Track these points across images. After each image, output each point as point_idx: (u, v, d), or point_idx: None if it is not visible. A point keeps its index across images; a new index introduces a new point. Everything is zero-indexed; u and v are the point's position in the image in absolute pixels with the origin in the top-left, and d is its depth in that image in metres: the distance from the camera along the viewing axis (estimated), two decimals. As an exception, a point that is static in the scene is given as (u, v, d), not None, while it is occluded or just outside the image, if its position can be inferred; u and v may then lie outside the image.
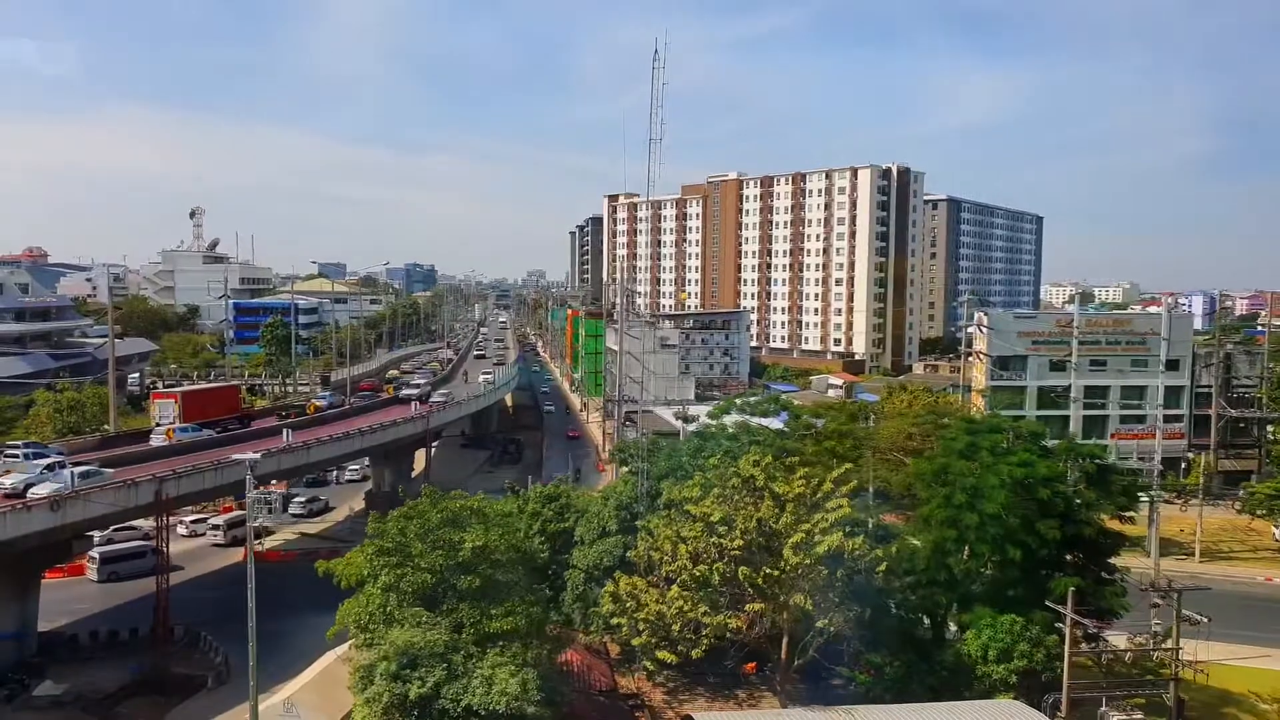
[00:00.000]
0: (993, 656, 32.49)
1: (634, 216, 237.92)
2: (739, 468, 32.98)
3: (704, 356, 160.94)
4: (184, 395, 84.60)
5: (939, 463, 35.80)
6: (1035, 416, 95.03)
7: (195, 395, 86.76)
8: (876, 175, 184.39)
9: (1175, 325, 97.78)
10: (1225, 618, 57.67)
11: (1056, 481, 33.93)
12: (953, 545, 33.62)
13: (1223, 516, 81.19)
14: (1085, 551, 34.52)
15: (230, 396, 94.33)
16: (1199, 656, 50.48)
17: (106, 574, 59.22)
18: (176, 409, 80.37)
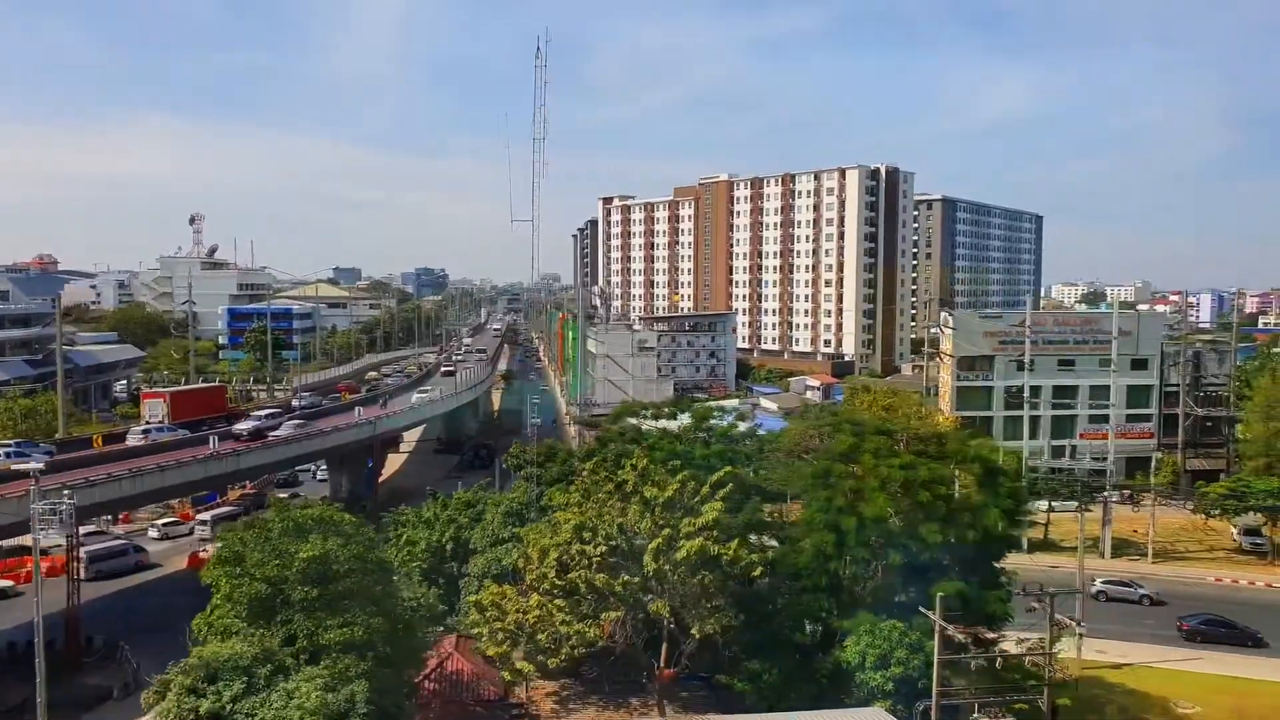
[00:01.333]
0: (870, 663, 32.13)
1: (628, 219, 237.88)
2: (619, 473, 32.81)
3: (690, 359, 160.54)
4: (172, 395, 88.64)
5: (822, 465, 35.48)
6: (1003, 417, 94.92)
7: (183, 395, 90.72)
8: (864, 176, 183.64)
9: (1143, 324, 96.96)
10: (1165, 618, 57.29)
11: (939, 484, 33.52)
12: (833, 549, 33.29)
13: (1186, 517, 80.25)
14: (969, 555, 34.07)
15: (217, 397, 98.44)
16: (1128, 658, 50.26)
17: (93, 572, 60.20)
18: (165, 408, 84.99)
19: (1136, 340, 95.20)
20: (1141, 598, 60.29)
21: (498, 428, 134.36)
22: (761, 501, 37.14)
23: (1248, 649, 52.21)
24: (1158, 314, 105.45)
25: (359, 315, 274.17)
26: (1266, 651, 51.66)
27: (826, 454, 35.89)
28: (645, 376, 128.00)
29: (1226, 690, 46.40)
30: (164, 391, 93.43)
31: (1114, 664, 49.42)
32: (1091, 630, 48.48)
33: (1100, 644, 52.28)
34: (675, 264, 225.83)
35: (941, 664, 32.02)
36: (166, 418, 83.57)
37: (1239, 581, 65.75)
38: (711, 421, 40.07)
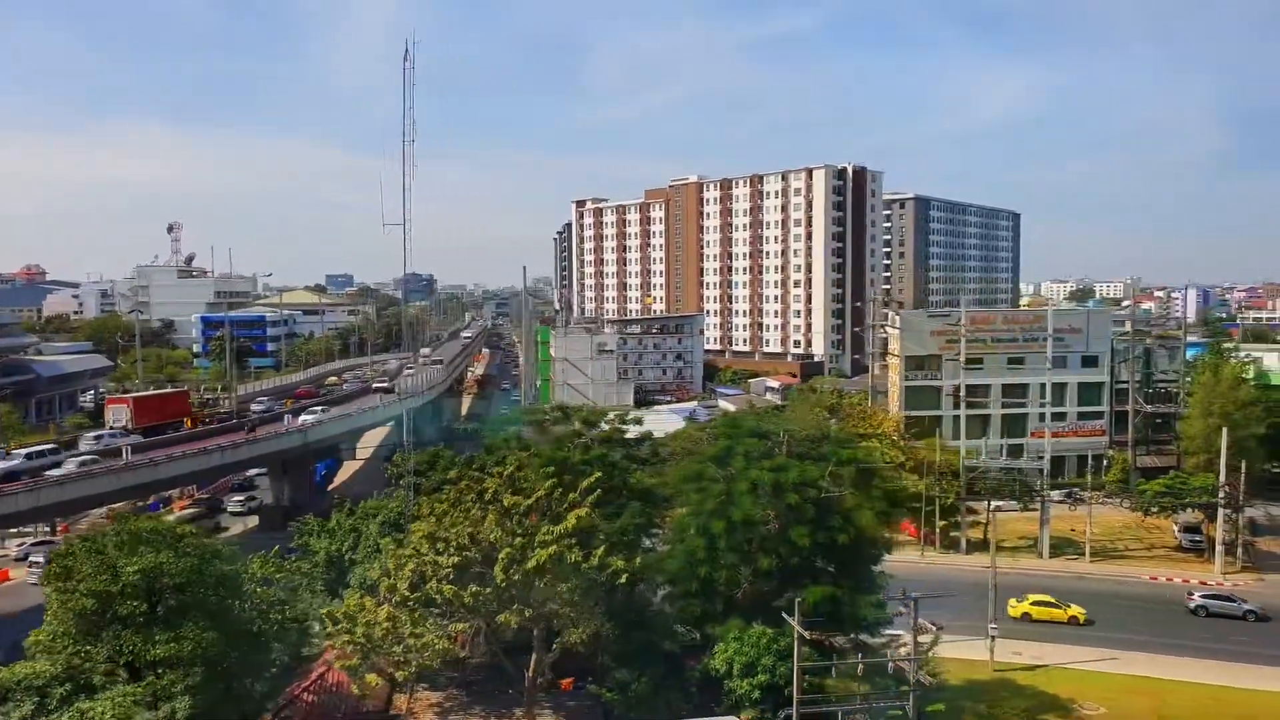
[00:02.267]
0: (737, 671, 31.51)
1: (600, 221, 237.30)
2: (483, 481, 32.14)
3: (656, 361, 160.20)
4: (135, 401, 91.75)
5: (695, 468, 34.86)
6: (952, 416, 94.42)
7: (146, 400, 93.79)
8: (831, 175, 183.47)
9: (1092, 321, 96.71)
10: (1097, 617, 56.81)
11: (809, 486, 32.90)
12: (704, 554, 32.66)
13: (1132, 516, 79.72)
14: (842, 558, 33.47)
15: (180, 402, 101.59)
16: (1043, 660, 49.71)
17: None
18: (129, 413, 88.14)
19: (1086, 337, 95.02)
20: (1246, 613, 56.78)
21: (460, 434, 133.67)
22: (646, 506, 36.48)
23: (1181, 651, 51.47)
24: (1106, 310, 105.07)
25: (337, 322, 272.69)
26: (1198, 652, 51.08)
27: (699, 457, 35.23)
28: (605, 379, 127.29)
29: (1140, 691, 45.89)
30: (127, 397, 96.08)
31: (1028, 666, 48.89)
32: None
33: (1019, 645, 51.93)
34: (647, 266, 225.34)
35: (810, 671, 31.45)
36: (130, 422, 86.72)
37: (1173, 579, 65.34)
38: (603, 425, 39.51)
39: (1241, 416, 74.45)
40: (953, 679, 47.16)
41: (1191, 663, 49.48)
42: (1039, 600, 57.69)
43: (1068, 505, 76.62)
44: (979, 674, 47.75)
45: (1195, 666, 48.99)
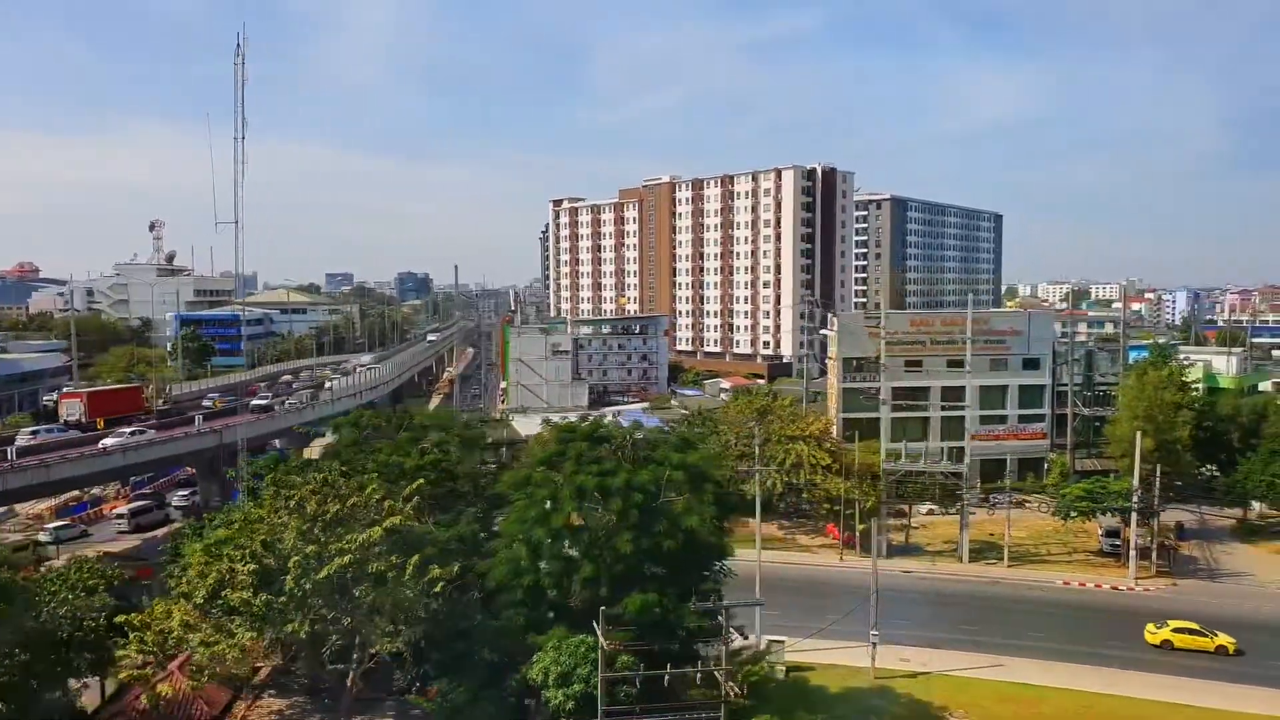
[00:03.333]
0: (552, 681, 30.98)
1: (575, 221, 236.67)
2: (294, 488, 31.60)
3: (621, 361, 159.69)
4: (89, 395, 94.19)
5: (523, 473, 34.33)
6: (890, 419, 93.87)
7: (99, 395, 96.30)
8: (800, 176, 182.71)
9: (1033, 323, 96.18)
10: (987, 623, 56.25)
11: (637, 491, 32.37)
12: (528, 561, 32.14)
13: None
14: (674, 565, 32.90)
15: (134, 396, 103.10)
16: (929, 667, 49.15)
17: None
18: (83, 407, 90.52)
19: (1028, 340, 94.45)
20: None
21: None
22: (487, 509, 35.92)
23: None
24: (1047, 313, 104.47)
25: (318, 321, 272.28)
26: (1091, 659, 50.51)
27: (528, 462, 34.68)
28: (559, 379, 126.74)
29: (1014, 698, 45.39)
30: (81, 392, 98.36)
31: (911, 673, 48.38)
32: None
33: (908, 652, 51.43)
34: (622, 266, 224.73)
35: (626, 680, 30.94)
36: (84, 416, 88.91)
37: (1085, 584, 64.85)
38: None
39: (1165, 420, 73.96)
40: (831, 687, 46.88)
41: (1080, 669, 48.97)
42: (1182, 627, 52.82)
43: (986, 509, 75.77)
44: (858, 681, 47.25)
45: (1081, 673, 48.47)
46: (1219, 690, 46.20)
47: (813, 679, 47.63)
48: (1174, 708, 44.26)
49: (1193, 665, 49.47)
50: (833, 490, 72.33)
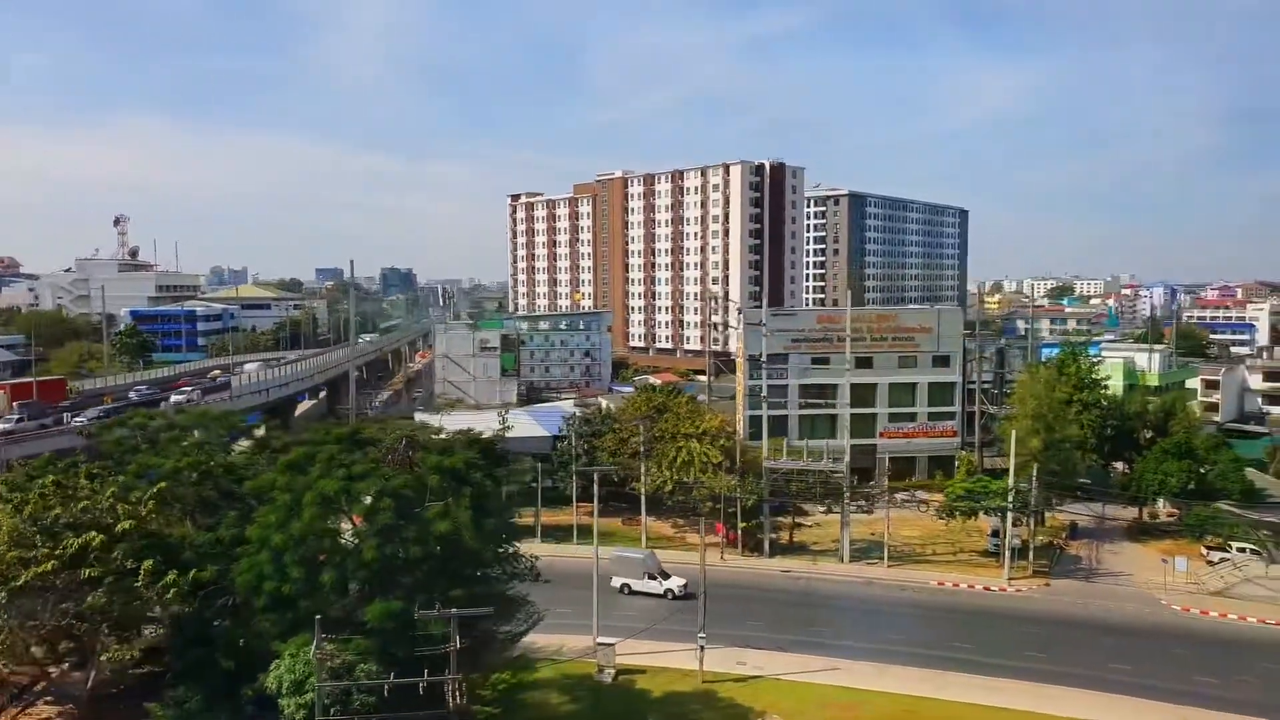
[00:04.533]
0: (286, 689, 30.00)
1: (531, 216, 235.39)
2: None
3: (564, 357, 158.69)
4: (12, 387, 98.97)
5: (267, 478, 33.28)
6: (798, 416, 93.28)
7: (21, 387, 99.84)
8: (748, 171, 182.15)
9: (943, 321, 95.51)
10: (844, 624, 55.50)
11: (387, 496, 31.35)
12: (269, 568, 31.10)
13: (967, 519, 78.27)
14: (425, 571, 31.89)
15: (58, 388, 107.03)
16: (765, 670, 48.32)
17: None
18: (5, 399, 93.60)
19: (937, 337, 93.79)
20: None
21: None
22: (247, 512, 34.76)
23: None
24: (957, 311, 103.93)
25: (283, 316, 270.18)
26: (931, 661, 49.79)
27: (279, 466, 33.62)
28: (487, 376, 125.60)
29: (836, 702, 44.60)
30: (4, 384, 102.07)
31: (741, 676, 47.53)
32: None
33: (748, 655, 50.59)
34: (576, 261, 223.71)
35: (361, 689, 29.93)
36: (7, 408, 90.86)
37: (958, 585, 64.21)
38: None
39: (1055, 418, 73.38)
40: (655, 691, 46.04)
41: (918, 672, 48.20)
42: None
43: (865, 509, 75.10)
44: (685, 685, 46.40)
45: (917, 676, 47.71)
46: (1036, 691, 45.63)
47: (640, 682, 46.80)
48: (992, 711, 43.59)
49: (1030, 667, 48.77)
50: (716, 488, 71.40)
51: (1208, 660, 49.92)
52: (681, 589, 60.16)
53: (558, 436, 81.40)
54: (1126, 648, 51.79)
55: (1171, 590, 61.60)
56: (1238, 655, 50.82)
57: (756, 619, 56.78)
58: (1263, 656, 50.53)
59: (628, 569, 61.90)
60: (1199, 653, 51.11)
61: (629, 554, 63.46)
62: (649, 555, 63.51)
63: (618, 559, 62.51)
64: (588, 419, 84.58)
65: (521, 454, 79.20)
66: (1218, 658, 50.37)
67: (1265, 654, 50.97)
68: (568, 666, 48.55)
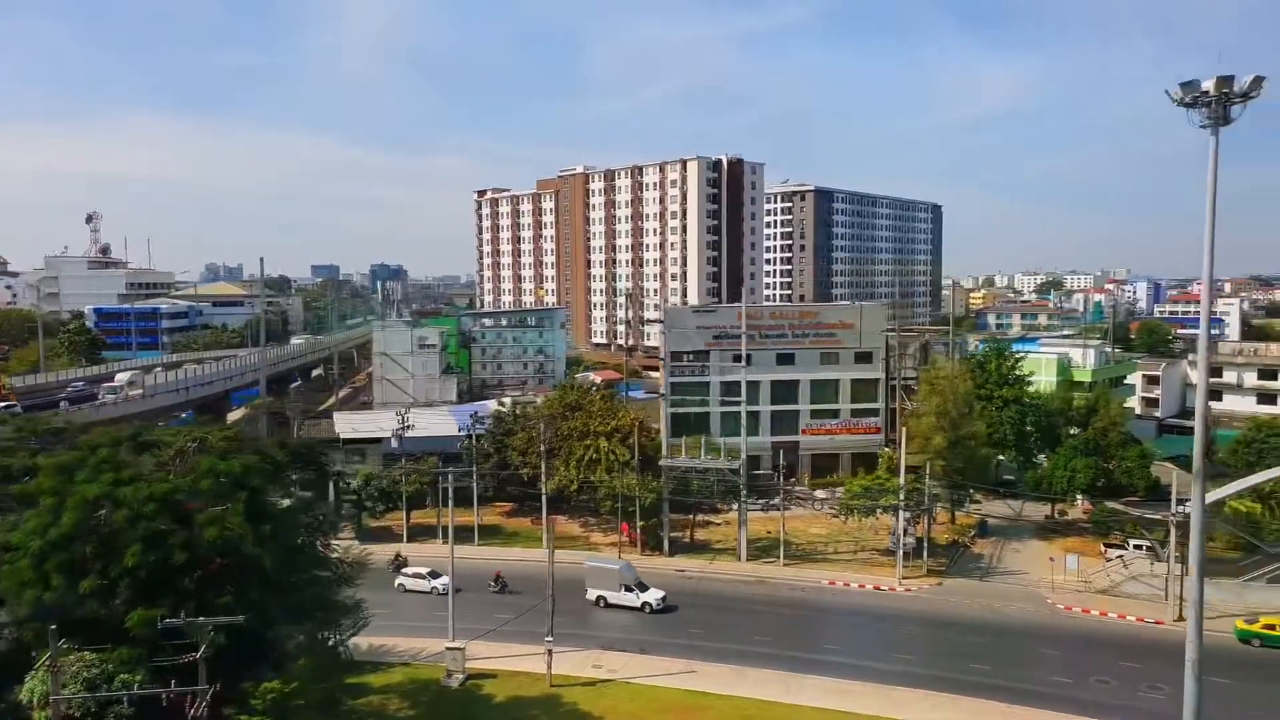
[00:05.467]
0: (38, 700, 29.19)
1: (496, 212, 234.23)
2: None
3: (517, 355, 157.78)
4: None
5: (35, 482, 32.45)
6: (719, 413, 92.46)
7: None
8: (705, 167, 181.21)
9: (866, 317, 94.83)
10: (718, 626, 54.78)
11: (154, 501, 30.58)
12: (30, 575, 30.30)
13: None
14: (193, 578, 31.11)
15: None
16: (619, 674, 47.60)
17: None
18: None
19: (860, 333, 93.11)
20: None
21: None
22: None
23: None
24: (880, 307, 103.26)
25: (252, 314, 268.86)
26: (793, 664, 49.19)
27: (47, 469, 32.77)
28: (426, 374, 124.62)
29: (677, 707, 43.91)
30: None
31: (592, 680, 46.83)
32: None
33: (605, 657, 49.92)
34: (540, 257, 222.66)
35: (117, 699, 29.15)
36: None
37: (849, 585, 63.61)
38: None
39: (959, 415, 72.88)
40: (499, 696, 45.35)
41: (774, 675, 47.63)
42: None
43: (760, 508, 74.53)
44: (531, 690, 45.71)
45: (772, 679, 47.11)
46: (886, 694, 45.03)
47: (488, 687, 46.14)
48: (835, 715, 42.97)
49: (892, 669, 48.10)
50: (617, 487, 70.71)
51: (1073, 660, 49.42)
52: (660, 602, 57.48)
53: (466, 435, 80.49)
54: (996, 648, 51.25)
55: (1060, 589, 61.07)
56: (1103, 654, 50.30)
57: (629, 620, 56.17)
58: (1126, 655, 50.02)
59: (603, 580, 58.93)
60: (1066, 652, 50.60)
61: (605, 564, 60.55)
62: (626, 566, 60.40)
63: (593, 570, 59.67)
64: (500, 417, 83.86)
65: (428, 454, 78.73)
66: (1082, 657, 49.85)
67: (1130, 653, 50.47)
68: (421, 671, 47.91)
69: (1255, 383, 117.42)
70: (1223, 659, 49.99)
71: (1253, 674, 47.93)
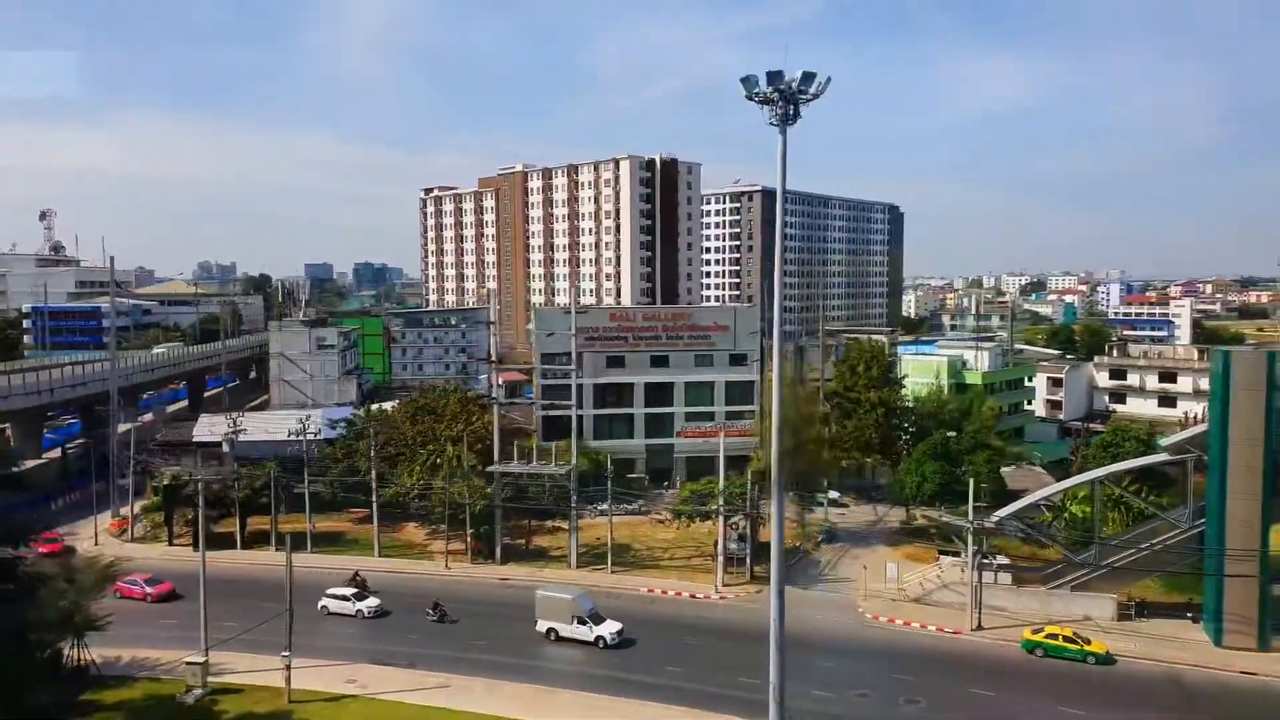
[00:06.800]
0: None
1: (440, 210, 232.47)
2: None
3: (439, 355, 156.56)
4: None
5: None
6: (593, 415, 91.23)
7: None
8: (638, 166, 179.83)
9: (741, 319, 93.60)
10: (505, 638, 53.31)
11: None
12: None
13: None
14: None
15: None
16: (370, 689, 46.20)
17: None
18: None
19: (734, 335, 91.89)
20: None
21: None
22: None
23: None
24: (754, 309, 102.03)
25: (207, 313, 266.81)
26: (554, 678, 47.92)
27: None
28: (325, 375, 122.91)
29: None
30: None
31: (335, 695, 45.37)
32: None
33: (368, 670, 48.54)
34: (481, 256, 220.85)
35: None
36: None
37: (668, 592, 62.37)
38: None
39: (802, 419, 71.73)
40: (231, 711, 43.91)
41: (528, 690, 46.42)
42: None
43: (589, 514, 73.29)
44: (269, 705, 44.26)
45: (526, 695, 45.84)
46: (638, 712, 43.77)
47: (224, 703, 44.69)
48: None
49: (649, 683, 46.79)
50: (452, 494, 69.25)
51: (847, 673, 48.25)
52: (615, 636, 52.27)
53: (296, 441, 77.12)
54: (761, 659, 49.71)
55: (875, 598, 59.94)
56: (884, 666, 49.13)
57: (416, 632, 54.79)
58: (908, 667, 48.87)
59: (554, 611, 53.64)
60: (844, 664, 49.45)
61: (556, 594, 55.02)
62: (580, 596, 54.74)
63: (544, 599, 54.54)
64: (351, 421, 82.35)
65: (266, 459, 76.68)
66: (860, 669, 48.70)
67: (913, 664, 49.39)
68: (166, 685, 46.46)
69: (1156, 385, 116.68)
70: (999, 669, 49.21)
71: (1020, 685, 46.79)
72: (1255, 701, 45.36)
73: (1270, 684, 46.90)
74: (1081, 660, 49.29)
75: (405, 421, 79.13)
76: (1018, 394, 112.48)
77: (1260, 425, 48.86)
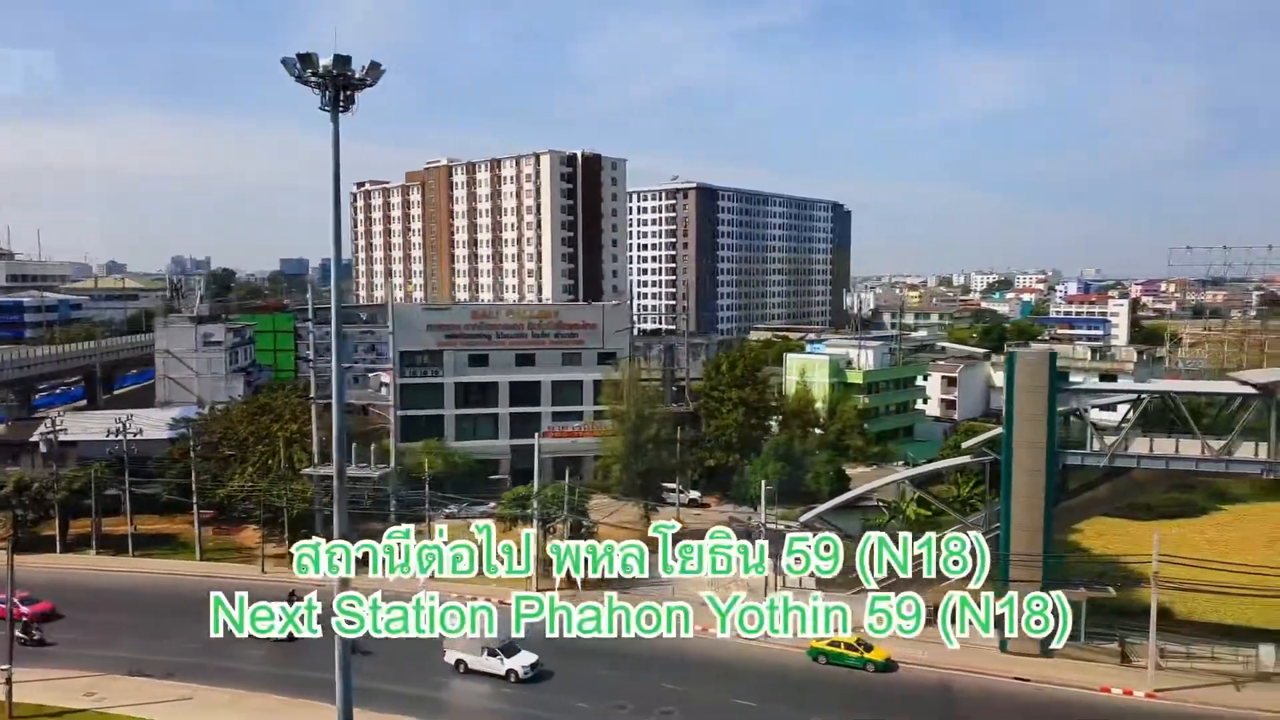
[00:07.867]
0: None
1: (369, 205, 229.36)
2: None
3: (345, 353, 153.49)
4: None
5: None
6: (455, 415, 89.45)
7: None
8: (559, 162, 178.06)
9: (610, 317, 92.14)
10: (274, 650, 51.36)
11: None
12: None
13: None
14: None
15: None
16: (106, 702, 44.13)
17: None
18: None
19: (602, 334, 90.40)
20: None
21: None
22: None
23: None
24: (622, 308, 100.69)
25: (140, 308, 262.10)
26: (304, 688, 46.00)
27: None
28: (213, 372, 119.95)
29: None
30: None
31: (62, 710, 43.27)
32: None
33: (110, 683, 46.45)
34: (408, 251, 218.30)
35: None
36: None
37: (478, 598, 60.50)
38: None
39: (639, 418, 70.40)
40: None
41: (274, 701, 44.97)
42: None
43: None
44: (-13, 720, 42.07)
45: (269, 705, 44.27)
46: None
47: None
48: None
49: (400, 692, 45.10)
50: (273, 495, 67.23)
51: (616, 682, 46.65)
52: (528, 670, 47.79)
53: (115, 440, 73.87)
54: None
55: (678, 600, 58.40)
56: (640, 673, 47.64)
57: (194, 639, 52.63)
58: (685, 675, 47.47)
59: (463, 641, 49.49)
60: (622, 673, 47.83)
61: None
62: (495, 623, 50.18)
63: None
64: (188, 420, 79.95)
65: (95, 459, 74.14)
66: (632, 676, 47.17)
67: (690, 672, 48.05)
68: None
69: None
70: (777, 678, 48.02)
71: (788, 695, 45.56)
72: (1016, 705, 44.50)
73: (1041, 690, 46.06)
74: (861, 668, 48.24)
75: (241, 421, 76.81)
76: (907, 393, 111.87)
77: (1042, 428, 47.95)
